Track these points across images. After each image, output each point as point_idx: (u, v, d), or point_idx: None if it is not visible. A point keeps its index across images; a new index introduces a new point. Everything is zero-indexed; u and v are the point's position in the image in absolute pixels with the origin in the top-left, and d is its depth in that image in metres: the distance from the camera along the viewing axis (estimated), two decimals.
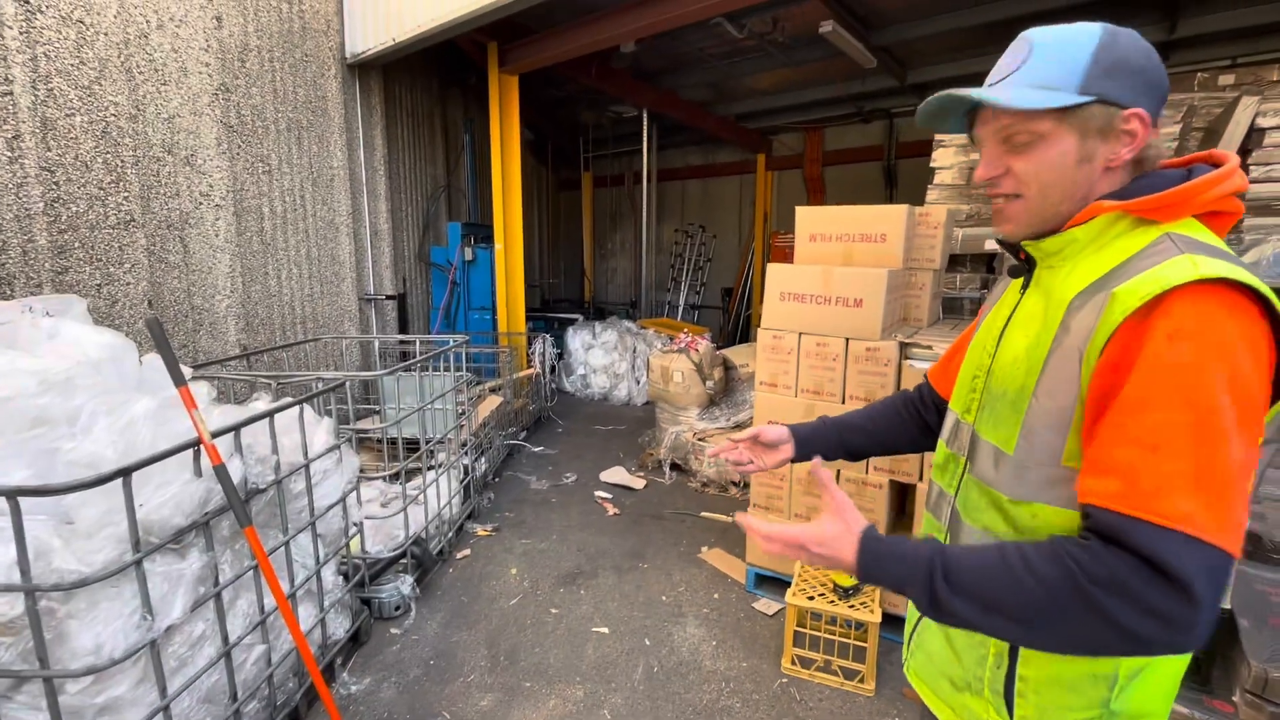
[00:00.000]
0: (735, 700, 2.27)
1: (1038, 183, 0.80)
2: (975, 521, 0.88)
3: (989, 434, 0.86)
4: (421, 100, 6.19)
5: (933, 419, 1.21)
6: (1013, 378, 0.83)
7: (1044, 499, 0.78)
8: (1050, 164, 0.79)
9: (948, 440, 1.00)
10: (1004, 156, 0.82)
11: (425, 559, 2.99)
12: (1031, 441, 0.79)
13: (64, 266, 3.12)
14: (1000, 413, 0.84)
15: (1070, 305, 0.77)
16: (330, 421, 2.37)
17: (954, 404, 1.01)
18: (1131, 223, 0.78)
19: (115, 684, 1.52)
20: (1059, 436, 0.76)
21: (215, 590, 1.74)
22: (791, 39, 5.57)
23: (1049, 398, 0.76)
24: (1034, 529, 0.79)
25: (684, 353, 4.64)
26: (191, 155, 3.72)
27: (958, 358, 1.16)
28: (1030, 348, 0.81)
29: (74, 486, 1.36)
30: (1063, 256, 0.83)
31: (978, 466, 0.88)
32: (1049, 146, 0.78)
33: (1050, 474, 0.77)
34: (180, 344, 3.70)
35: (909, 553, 0.77)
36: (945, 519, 0.96)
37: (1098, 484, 0.69)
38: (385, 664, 2.45)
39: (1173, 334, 0.66)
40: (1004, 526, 0.83)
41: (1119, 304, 0.69)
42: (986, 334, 0.96)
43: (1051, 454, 0.77)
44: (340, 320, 4.99)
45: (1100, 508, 0.68)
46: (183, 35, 3.63)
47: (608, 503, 3.98)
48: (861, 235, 2.63)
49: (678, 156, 9.77)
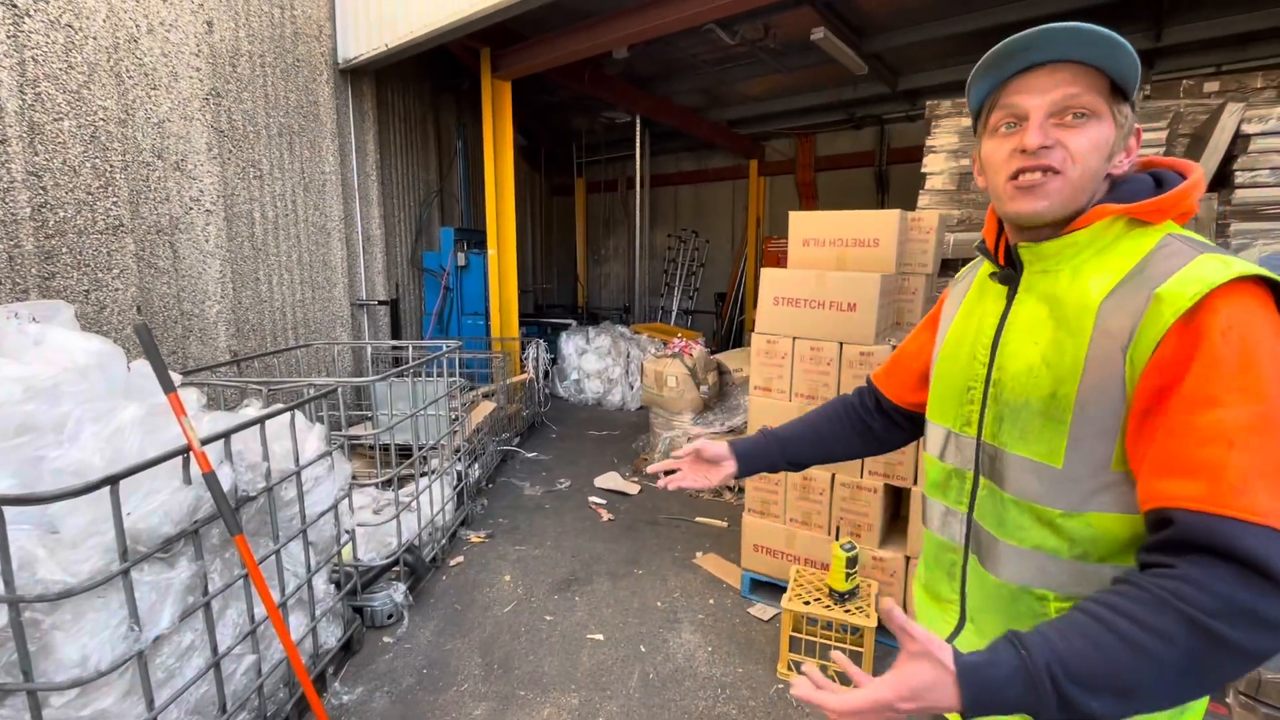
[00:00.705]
0: (731, 707, 2.26)
1: (1084, 162, 0.77)
2: (1022, 541, 0.83)
3: (1021, 449, 0.82)
4: (414, 106, 6.18)
5: (877, 425, 1.20)
6: (1035, 387, 0.80)
7: (1096, 507, 0.76)
8: (1098, 146, 0.77)
9: (941, 455, 0.97)
10: (1052, 130, 0.78)
11: (418, 566, 2.96)
12: (1081, 452, 0.76)
13: (51, 272, 3.08)
14: (1029, 425, 0.81)
15: (1101, 312, 0.75)
16: (322, 428, 2.35)
17: (939, 418, 0.98)
18: (1126, 225, 0.79)
19: (102, 696, 1.49)
20: (1108, 443, 0.75)
21: (205, 600, 1.72)
22: (783, 45, 5.61)
23: (1095, 405, 0.75)
24: (1090, 538, 0.77)
25: (678, 357, 4.64)
26: (182, 160, 3.69)
27: (905, 361, 1.15)
28: (1052, 357, 0.79)
29: (60, 495, 1.33)
30: (1060, 260, 0.81)
31: (1014, 484, 0.84)
32: (1100, 128, 0.77)
33: (1101, 481, 0.76)
34: (169, 350, 3.66)
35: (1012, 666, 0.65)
36: (960, 538, 0.93)
37: (1178, 487, 0.66)
38: (378, 673, 2.42)
39: (1226, 330, 0.67)
40: (1057, 540, 0.80)
41: (1167, 305, 0.69)
42: (968, 343, 0.93)
43: (1101, 461, 0.75)
44: (332, 326, 4.96)
45: (1185, 509, 0.65)
46: (173, 40, 3.61)
47: (602, 508, 3.96)
48: (855, 240, 2.64)
49: (670, 162, 9.80)
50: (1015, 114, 0.80)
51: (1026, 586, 0.83)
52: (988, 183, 0.87)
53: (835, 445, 1.22)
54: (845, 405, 1.24)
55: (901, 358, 1.17)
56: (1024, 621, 0.83)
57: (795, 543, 2.81)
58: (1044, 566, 0.81)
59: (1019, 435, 0.83)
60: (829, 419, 1.23)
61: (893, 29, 5.33)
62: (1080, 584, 0.79)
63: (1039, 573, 0.82)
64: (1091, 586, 0.77)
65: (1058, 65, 0.77)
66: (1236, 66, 4.91)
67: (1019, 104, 0.79)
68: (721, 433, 4.40)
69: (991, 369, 0.87)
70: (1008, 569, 0.85)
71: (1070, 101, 0.77)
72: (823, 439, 1.22)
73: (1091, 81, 0.76)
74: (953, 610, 0.96)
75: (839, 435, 1.22)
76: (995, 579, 0.87)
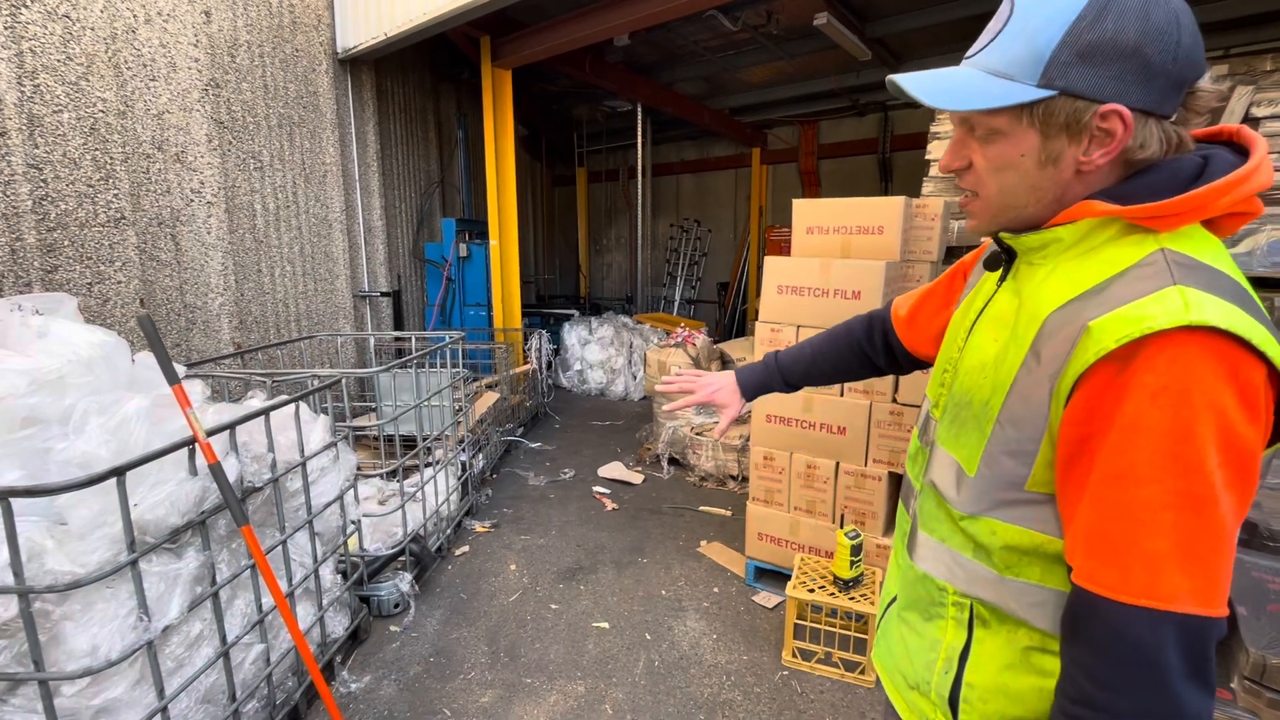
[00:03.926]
0: (736, 693, 2.27)
1: (996, 182, 0.72)
2: (932, 532, 0.84)
3: (949, 445, 0.81)
4: (414, 95, 6.14)
5: (881, 360, 1.18)
6: (977, 387, 0.76)
7: (1001, 517, 0.73)
8: (1010, 163, 0.70)
9: (919, 430, 0.96)
10: (968, 145, 0.74)
11: (424, 556, 2.98)
12: (993, 468, 0.73)
13: (53, 265, 3.08)
14: (964, 423, 0.78)
15: (1044, 327, 0.68)
16: (326, 419, 2.35)
17: (930, 390, 0.94)
18: (1124, 227, 0.67)
19: (112, 686, 1.50)
20: (1023, 466, 0.70)
21: (213, 590, 1.73)
22: (786, 31, 5.55)
23: (1013, 426, 0.70)
24: (991, 546, 0.75)
25: (681, 347, 4.64)
26: (182, 152, 3.68)
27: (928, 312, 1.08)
28: (996, 360, 0.74)
29: (67, 486, 1.34)
30: (1045, 254, 0.74)
31: (934, 472, 0.84)
32: (1009, 144, 0.69)
33: (1011, 496, 0.72)
34: (173, 343, 3.67)
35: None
36: (912, 513, 0.92)
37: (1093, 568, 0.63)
38: (385, 662, 2.44)
39: (1157, 392, 0.58)
40: (960, 539, 0.79)
41: (1093, 341, 0.61)
42: (960, 322, 0.88)
43: (1014, 480, 0.71)
44: (335, 317, 4.96)
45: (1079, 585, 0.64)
46: (171, 30, 3.58)
47: (606, 498, 3.97)
48: (859, 227, 2.62)
49: (672, 151, 9.74)
50: None
51: (929, 575, 0.85)
52: None
53: (835, 371, 1.24)
54: (851, 337, 1.21)
55: (925, 306, 1.09)
56: (922, 606, 0.86)
57: (799, 531, 2.81)
58: (948, 563, 0.81)
59: (953, 432, 0.80)
60: (835, 343, 1.23)
61: (896, 14, 5.26)
62: (982, 588, 0.77)
63: (945, 569, 0.82)
64: (992, 591, 0.76)
65: None
66: (1246, 49, 4.84)
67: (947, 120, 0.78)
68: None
69: (961, 357, 0.84)
70: (919, 554, 0.87)
71: (970, 122, 0.72)
72: (821, 363, 1.24)
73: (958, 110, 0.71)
74: (898, 579, 0.97)
75: (840, 363, 1.23)
76: (907, 559, 0.90)
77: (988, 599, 0.77)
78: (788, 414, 2.78)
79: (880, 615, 1.03)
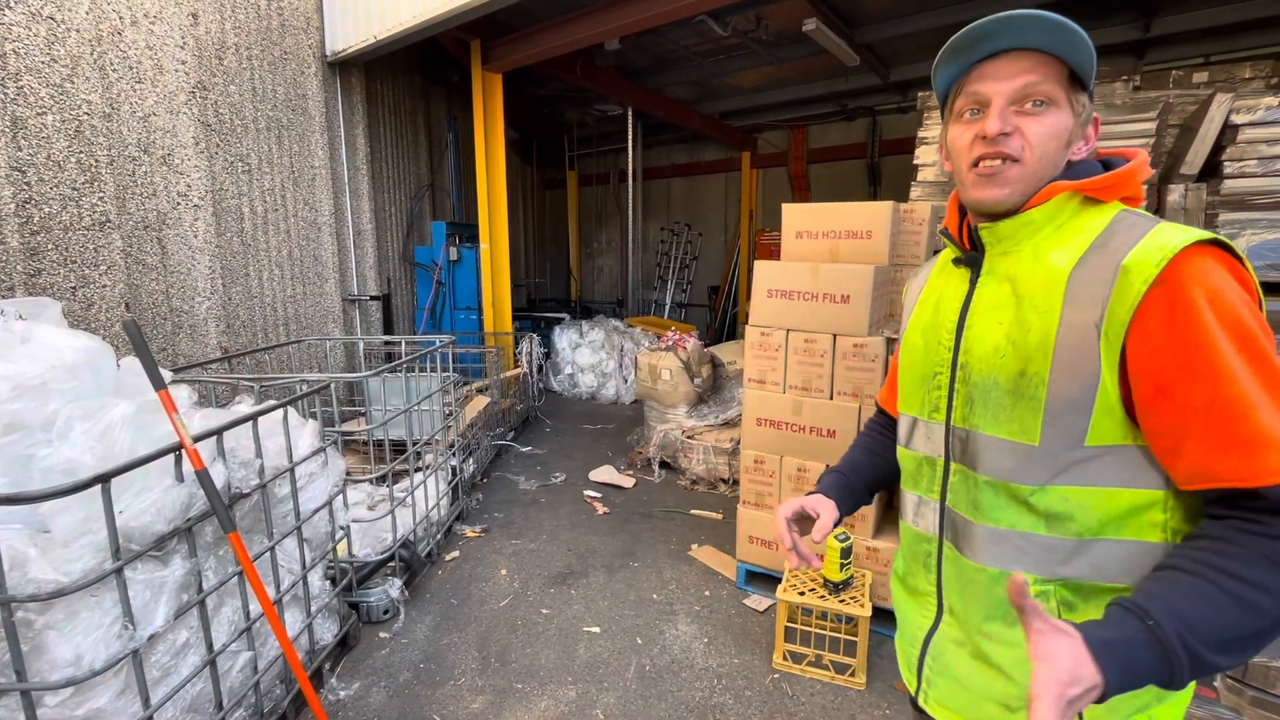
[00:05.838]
0: (728, 697, 2.28)
1: (1042, 149, 0.79)
2: (997, 521, 0.83)
3: (995, 429, 0.82)
4: (404, 98, 6.12)
5: None
6: (1002, 367, 0.80)
7: (1069, 481, 0.77)
8: (1056, 134, 0.79)
9: (908, 443, 0.97)
10: (1012, 117, 0.79)
11: (414, 562, 2.96)
12: (1057, 428, 0.76)
13: (37, 269, 3.04)
14: (1001, 405, 0.81)
15: (1071, 283, 0.76)
16: (315, 424, 2.33)
17: (908, 408, 0.98)
18: (1080, 203, 0.81)
19: (96, 695, 1.48)
20: (1083, 418, 0.75)
21: (199, 597, 1.71)
22: (775, 37, 5.59)
23: (1069, 381, 0.75)
24: (1066, 513, 0.77)
25: (672, 350, 4.65)
26: (168, 155, 3.65)
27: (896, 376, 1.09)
28: (1018, 334, 0.79)
29: (50, 494, 1.32)
30: (1017, 240, 0.83)
31: (987, 464, 0.84)
32: (1058, 116, 0.79)
33: (1076, 456, 0.76)
34: (159, 347, 3.63)
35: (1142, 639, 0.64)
36: (934, 527, 0.92)
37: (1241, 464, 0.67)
38: (374, 668, 2.42)
39: (1211, 296, 0.69)
40: (1033, 518, 0.80)
41: (1135, 274, 0.71)
42: (931, 330, 0.93)
43: (1077, 437, 0.75)
44: (324, 322, 4.93)
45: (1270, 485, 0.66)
46: (157, 32, 3.56)
47: (597, 502, 3.97)
48: (848, 232, 2.64)
49: (663, 155, 9.77)
50: (978, 101, 0.81)
51: (1006, 571, 0.83)
52: (952, 168, 0.87)
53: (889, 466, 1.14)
54: (871, 432, 1.21)
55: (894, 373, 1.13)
56: (1004, 610, 0.83)
57: None
58: (1021, 547, 0.81)
59: (991, 416, 0.83)
60: (877, 439, 1.18)
61: (884, 20, 5.32)
62: (1062, 564, 0.79)
63: (1017, 553, 0.82)
64: (1073, 565, 0.78)
65: (1019, 53, 0.78)
66: (1225, 57, 4.94)
67: (981, 91, 0.81)
68: (716, 425, 4.41)
69: (958, 353, 0.87)
70: (986, 553, 0.85)
71: (1030, 89, 0.78)
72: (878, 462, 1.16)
73: (1050, 70, 0.78)
74: (929, 602, 0.95)
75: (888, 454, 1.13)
76: (974, 564, 0.86)
77: (1069, 576, 0.78)
78: (778, 417, 2.79)
79: (919, 655, 0.97)
